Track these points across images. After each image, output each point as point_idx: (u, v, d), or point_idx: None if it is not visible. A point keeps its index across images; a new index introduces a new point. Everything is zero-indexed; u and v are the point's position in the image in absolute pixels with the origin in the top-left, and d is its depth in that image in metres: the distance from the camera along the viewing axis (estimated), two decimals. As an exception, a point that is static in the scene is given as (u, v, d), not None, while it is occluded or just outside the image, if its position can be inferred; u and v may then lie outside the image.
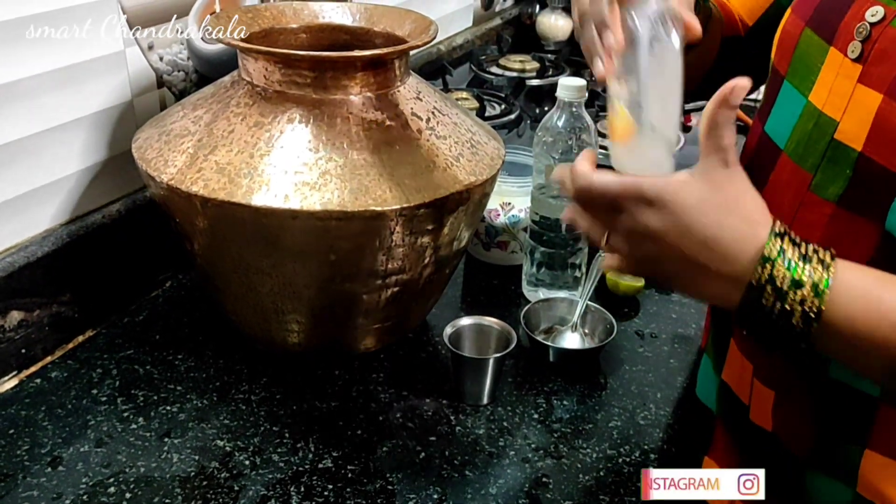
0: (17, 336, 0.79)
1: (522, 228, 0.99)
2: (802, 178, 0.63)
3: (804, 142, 0.63)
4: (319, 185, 0.70)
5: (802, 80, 0.65)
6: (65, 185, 0.82)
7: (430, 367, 0.84)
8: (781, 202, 0.65)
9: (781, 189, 0.65)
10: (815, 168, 0.62)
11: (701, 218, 0.52)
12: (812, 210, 0.62)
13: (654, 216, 0.53)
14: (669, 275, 0.56)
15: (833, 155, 0.60)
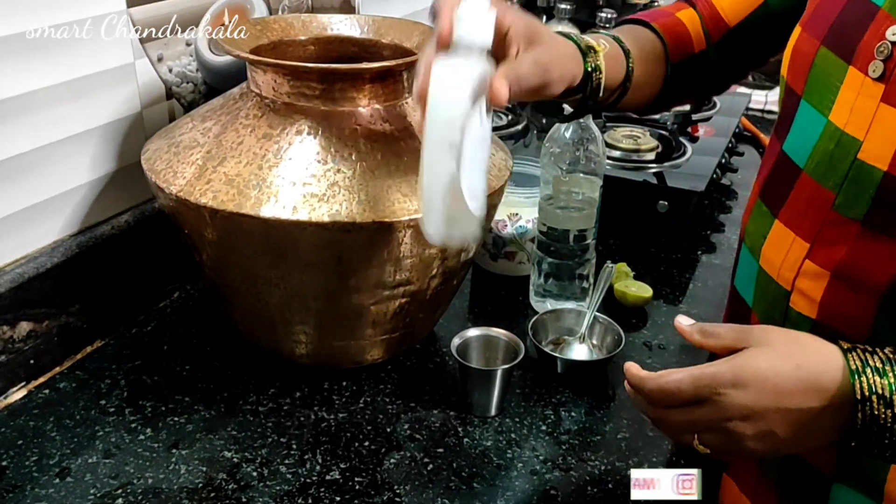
0: (26, 347, 0.79)
1: (530, 239, 0.99)
2: (825, 198, 0.63)
3: (826, 161, 0.63)
4: (328, 196, 0.70)
5: (821, 99, 0.64)
6: (74, 196, 0.83)
7: (438, 378, 0.84)
8: (802, 222, 0.65)
9: (802, 208, 0.66)
10: (838, 188, 0.62)
11: (781, 372, 0.55)
12: (835, 230, 0.62)
13: (742, 394, 0.55)
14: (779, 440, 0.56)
15: (856, 175, 0.60)
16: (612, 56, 0.74)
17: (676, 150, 1.22)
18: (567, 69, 0.68)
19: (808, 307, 0.65)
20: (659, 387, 0.59)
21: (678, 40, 0.82)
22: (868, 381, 0.53)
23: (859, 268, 0.60)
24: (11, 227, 0.77)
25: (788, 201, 0.67)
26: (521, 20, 0.64)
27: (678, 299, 1.01)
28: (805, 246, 0.65)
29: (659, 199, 1.12)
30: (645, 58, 0.79)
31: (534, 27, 0.65)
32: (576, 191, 0.92)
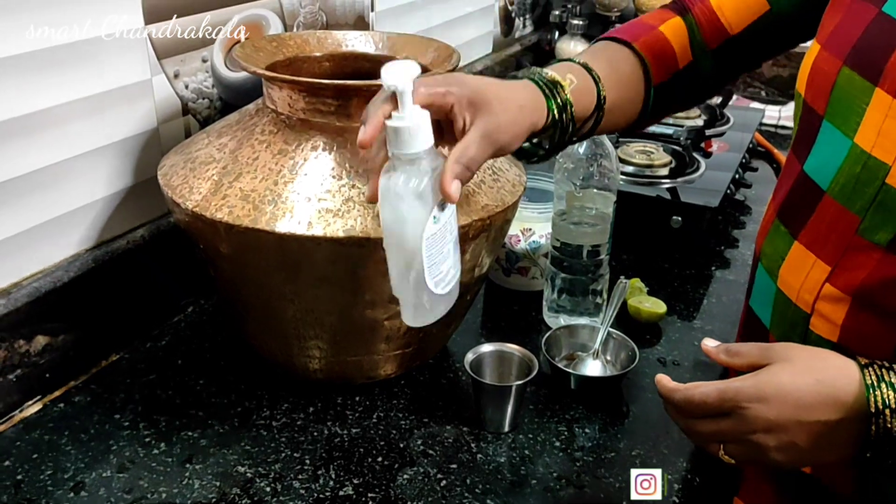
0: (41, 360, 0.79)
1: (543, 254, 0.99)
2: (850, 221, 0.62)
3: (851, 184, 0.62)
4: (342, 211, 0.70)
5: (845, 120, 0.63)
6: (91, 211, 0.84)
7: (451, 393, 0.84)
8: (825, 245, 0.64)
9: (825, 231, 0.65)
10: (865, 211, 0.61)
11: (801, 387, 0.57)
12: (859, 254, 0.62)
13: (765, 408, 0.57)
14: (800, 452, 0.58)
15: (884, 199, 0.59)
16: (580, 89, 0.70)
17: (690, 166, 1.22)
18: (522, 124, 0.65)
19: (829, 330, 0.65)
20: (686, 398, 0.61)
21: (660, 59, 0.79)
22: (882, 394, 0.55)
23: (882, 293, 0.60)
24: (29, 241, 0.78)
25: (810, 223, 0.66)
26: (464, 91, 0.61)
27: (692, 315, 1.00)
28: (826, 269, 0.64)
29: (672, 214, 1.12)
30: (620, 81, 0.75)
31: (479, 94, 0.62)
32: (589, 206, 0.92)
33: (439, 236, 0.60)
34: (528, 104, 0.66)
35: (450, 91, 0.60)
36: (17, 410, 0.78)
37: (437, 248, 0.60)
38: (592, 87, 0.72)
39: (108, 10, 0.79)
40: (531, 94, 0.67)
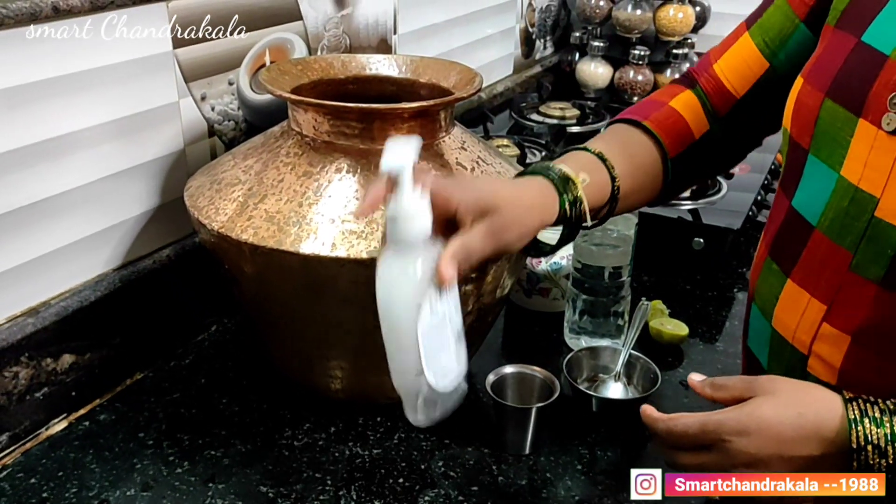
0: (68, 379, 0.80)
1: (564, 276, 0.99)
2: (842, 258, 0.61)
3: (840, 219, 0.61)
4: (366, 233, 0.71)
5: (830, 153, 0.62)
6: (118, 231, 0.85)
7: (472, 415, 0.84)
8: (818, 282, 0.63)
9: (818, 268, 0.63)
10: (855, 247, 0.60)
11: (784, 420, 0.56)
12: (854, 291, 0.60)
13: (746, 441, 0.57)
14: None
15: (874, 233, 0.58)
16: (593, 184, 0.69)
17: (711, 188, 1.22)
18: (530, 224, 0.64)
19: (827, 373, 0.63)
20: (668, 429, 0.61)
21: (675, 134, 0.78)
22: (865, 430, 0.54)
23: (882, 331, 0.59)
24: (58, 260, 0.79)
25: (801, 260, 0.64)
26: (471, 193, 0.61)
27: (714, 337, 1.00)
28: (822, 308, 0.63)
29: (694, 236, 1.12)
30: (635, 167, 0.75)
31: (485, 197, 0.61)
32: (611, 228, 0.92)
33: (437, 327, 0.57)
34: (538, 203, 0.65)
35: (454, 195, 0.60)
36: (44, 428, 0.79)
37: (436, 340, 0.57)
38: (606, 180, 0.71)
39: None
40: (542, 193, 0.66)
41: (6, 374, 0.74)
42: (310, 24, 1.04)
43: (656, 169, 0.77)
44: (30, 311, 0.77)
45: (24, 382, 0.76)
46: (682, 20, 1.65)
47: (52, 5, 0.71)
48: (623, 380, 0.87)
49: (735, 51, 0.77)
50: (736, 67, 0.77)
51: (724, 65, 0.78)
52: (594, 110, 1.61)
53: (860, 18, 0.62)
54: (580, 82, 1.75)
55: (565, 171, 0.68)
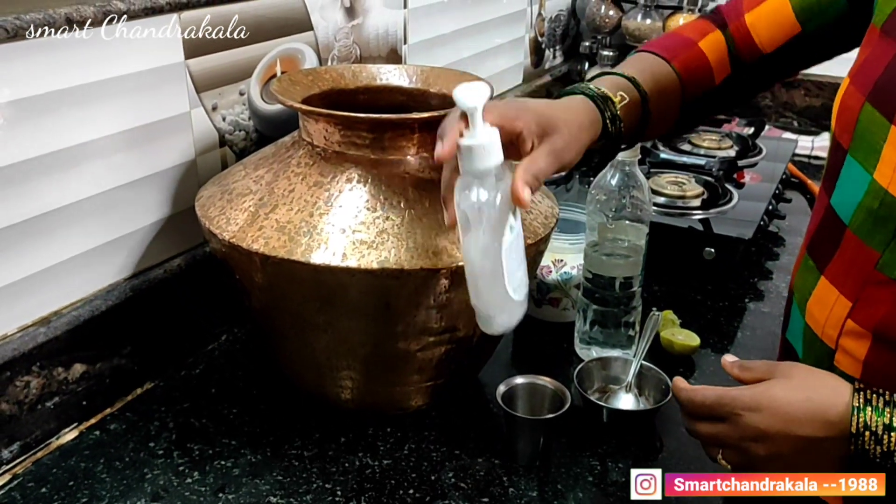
0: (79, 388, 0.81)
1: (575, 286, 0.99)
2: (869, 257, 0.62)
3: (871, 220, 0.62)
4: (377, 243, 0.71)
5: (866, 156, 0.63)
6: (130, 241, 0.85)
7: (483, 425, 0.84)
8: (846, 280, 0.65)
9: (846, 266, 0.65)
10: (884, 247, 0.61)
11: (793, 401, 0.60)
12: (878, 290, 0.62)
13: (757, 417, 0.61)
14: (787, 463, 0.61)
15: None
16: (628, 105, 0.74)
17: (722, 197, 1.21)
18: (583, 141, 0.69)
19: (852, 367, 0.65)
20: (689, 398, 0.66)
21: (697, 78, 0.81)
22: (865, 417, 0.57)
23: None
24: (70, 270, 0.79)
25: (834, 258, 0.66)
26: (532, 116, 0.65)
27: (726, 348, 0.99)
28: (847, 305, 0.65)
29: (705, 246, 1.12)
30: (661, 96, 0.79)
31: (545, 118, 0.65)
32: (621, 238, 0.91)
33: (515, 244, 0.63)
34: (587, 121, 0.70)
35: (519, 116, 0.64)
36: (55, 438, 0.79)
37: (514, 256, 0.63)
38: (639, 102, 0.76)
39: (150, 46, 0.81)
40: (588, 112, 0.71)
41: (18, 384, 0.75)
42: (320, 35, 1.04)
43: (675, 105, 0.81)
44: (41, 321, 0.77)
45: (36, 392, 0.76)
46: (692, 29, 1.65)
47: (65, 17, 0.71)
48: (634, 391, 0.86)
49: (769, 7, 0.79)
50: (768, 25, 0.79)
51: (756, 19, 0.80)
52: (604, 120, 1.61)
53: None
54: (590, 92, 1.75)
55: (604, 91, 0.72)
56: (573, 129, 0.67)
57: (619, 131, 0.73)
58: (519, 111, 0.65)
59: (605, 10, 1.71)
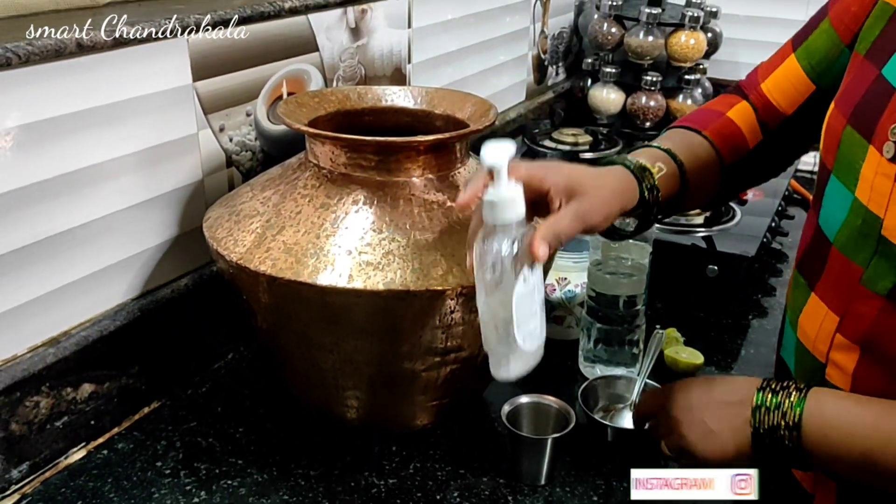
0: (87, 408, 0.81)
1: (578, 304, 1.00)
2: (853, 273, 0.65)
3: (854, 237, 0.65)
4: (383, 264, 0.72)
5: (847, 175, 0.66)
6: (138, 261, 0.86)
7: (487, 444, 0.84)
8: (833, 295, 0.67)
9: (833, 282, 0.67)
10: (867, 263, 0.64)
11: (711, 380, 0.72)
12: (863, 304, 0.64)
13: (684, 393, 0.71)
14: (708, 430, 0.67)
15: (883, 250, 0.62)
16: (666, 176, 0.75)
17: (725, 214, 1.22)
18: (613, 207, 0.69)
19: (842, 380, 0.66)
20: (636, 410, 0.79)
21: (731, 144, 0.82)
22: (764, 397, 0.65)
23: (885, 341, 0.63)
24: (79, 291, 0.80)
25: (823, 275, 0.69)
26: (561, 178, 0.66)
27: (730, 366, 0.99)
28: (836, 319, 0.67)
29: (709, 263, 1.12)
30: (699, 167, 0.80)
31: (574, 181, 0.67)
32: (625, 256, 0.92)
33: (528, 296, 0.64)
34: (619, 189, 0.71)
35: (547, 176, 0.66)
36: (63, 457, 0.80)
37: (526, 307, 0.64)
38: (677, 174, 0.77)
39: (159, 69, 0.82)
40: (623, 179, 0.72)
41: (27, 404, 0.75)
42: (326, 56, 1.06)
43: (714, 174, 0.82)
44: (51, 342, 0.78)
45: (45, 412, 0.77)
46: (694, 46, 1.66)
47: (76, 42, 0.72)
48: None
49: (781, 72, 0.82)
50: (783, 89, 0.81)
51: (771, 85, 0.82)
52: (606, 136, 1.62)
53: (884, 52, 0.66)
54: (592, 108, 1.76)
55: (642, 163, 0.74)
56: (603, 194, 0.68)
57: (656, 200, 0.74)
58: (548, 171, 0.66)
59: (608, 28, 1.73)
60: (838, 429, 0.62)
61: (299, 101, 0.85)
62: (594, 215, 0.67)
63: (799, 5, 1.77)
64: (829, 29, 0.77)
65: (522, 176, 0.64)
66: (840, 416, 0.62)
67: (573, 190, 0.66)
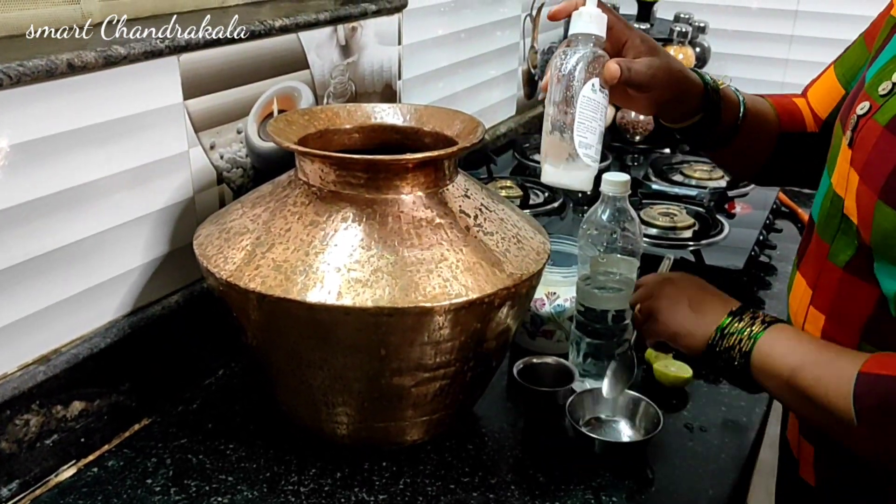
0: (77, 425, 0.81)
1: (568, 318, 1.00)
2: (824, 249, 0.73)
3: (825, 217, 0.73)
4: (371, 282, 0.72)
5: (830, 164, 0.74)
6: (129, 279, 0.86)
7: (477, 459, 0.84)
8: (808, 271, 0.76)
9: (811, 260, 0.75)
10: (832, 238, 0.71)
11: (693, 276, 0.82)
12: (828, 276, 0.72)
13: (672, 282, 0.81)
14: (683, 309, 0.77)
15: (844, 227, 0.70)
16: (729, 98, 0.83)
17: (714, 228, 1.23)
18: (678, 79, 0.77)
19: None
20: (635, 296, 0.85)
21: (790, 115, 0.90)
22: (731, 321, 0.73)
23: (844, 309, 0.70)
24: (70, 308, 0.80)
25: (805, 254, 0.77)
26: (638, 37, 0.75)
27: (718, 379, 1.00)
28: (809, 293, 0.75)
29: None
30: (757, 114, 0.87)
31: (651, 44, 0.76)
32: (613, 271, 0.93)
33: (592, 105, 0.70)
34: (683, 75, 0.79)
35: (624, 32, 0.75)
36: (53, 475, 0.80)
37: (588, 115, 0.70)
38: (737, 101, 0.85)
39: (150, 88, 0.83)
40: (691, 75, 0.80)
41: (17, 422, 0.75)
42: (316, 73, 1.06)
43: (771, 132, 0.89)
44: (41, 359, 0.78)
45: (35, 430, 0.77)
46: (683, 61, 1.67)
47: (67, 62, 0.73)
48: (627, 422, 0.87)
49: (821, 82, 0.90)
50: (821, 96, 0.89)
51: (812, 94, 0.91)
52: (597, 150, 1.63)
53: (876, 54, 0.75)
54: (583, 122, 1.77)
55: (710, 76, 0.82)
56: (673, 65, 0.77)
57: (718, 104, 0.81)
58: (631, 30, 0.75)
59: (597, 43, 1.74)
60: (781, 357, 0.69)
61: (289, 119, 0.86)
62: (660, 76, 0.75)
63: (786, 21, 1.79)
64: (861, 42, 0.86)
65: (611, 21, 0.73)
66: (788, 345, 0.69)
67: (651, 48, 0.75)
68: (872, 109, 0.67)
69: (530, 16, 1.67)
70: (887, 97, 0.66)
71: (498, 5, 1.53)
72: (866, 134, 0.67)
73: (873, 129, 0.66)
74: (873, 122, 0.66)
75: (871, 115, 0.67)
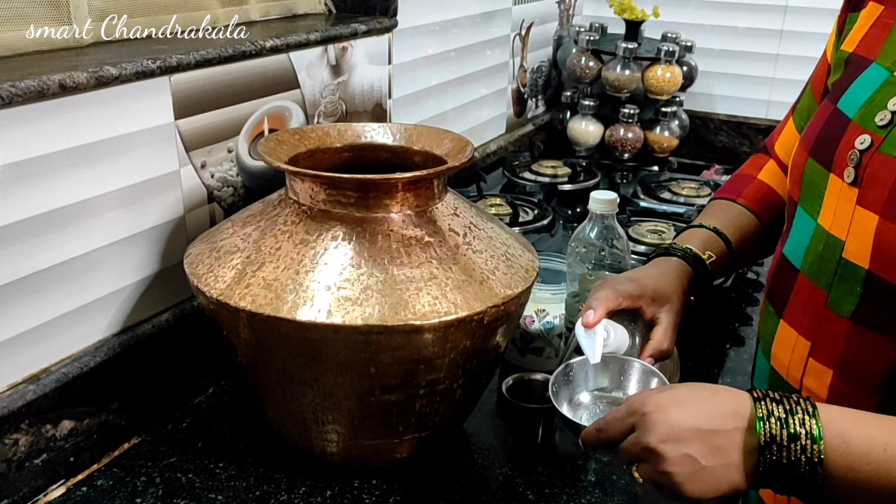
0: (66, 444, 0.81)
1: (557, 335, 1.01)
2: (819, 297, 0.68)
3: (817, 262, 0.68)
4: (361, 300, 0.73)
5: (811, 204, 0.70)
6: (119, 297, 0.86)
7: (467, 476, 0.85)
8: (802, 321, 0.70)
9: (801, 308, 0.70)
10: (829, 286, 0.67)
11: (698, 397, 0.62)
12: (830, 327, 0.67)
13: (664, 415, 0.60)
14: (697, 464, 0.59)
15: (843, 273, 0.65)
16: (716, 259, 0.86)
17: (701, 245, 1.24)
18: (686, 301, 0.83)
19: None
20: (599, 427, 0.65)
21: (766, 204, 0.91)
22: (770, 429, 0.58)
23: (856, 363, 0.64)
24: (60, 327, 0.80)
25: (790, 302, 0.72)
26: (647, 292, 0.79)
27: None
28: (807, 344, 0.69)
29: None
30: (743, 237, 0.89)
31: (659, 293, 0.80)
32: (601, 289, 0.93)
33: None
34: (686, 284, 0.83)
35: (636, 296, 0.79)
36: (42, 495, 0.79)
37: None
38: (725, 252, 0.88)
39: (141, 108, 0.84)
40: (686, 275, 0.84)
41: (6, 442, 0.75)
42: (307, 92, 1.07)
43: (756, 236, 0.91)
44: (31, 378, 0.78)
45: (24, 449, 0.77)
46: (670, 79, 1.70)
47: (58, 83, 0.74)
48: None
49: (784, 135, 0.92)
50: (786, 148, 0.90)
51: (779, 146, 0.92)
52: (585, 168, 1.64)
53: (840, 89, 0.72)
54: (572, 140, 1.79)
55: (695, 252, 0.85)
56: (679, 296, 0.81)
57: (709, 278, 0.86)
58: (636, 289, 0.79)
59: (586, 62, 1.76)
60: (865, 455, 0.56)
61: (280, 139, 0.87)
62: (679, 317, 0.80)
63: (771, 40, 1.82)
64: (809, 91, 0.87)
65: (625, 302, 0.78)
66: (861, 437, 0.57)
67: (659, 300, 0.79)
68: (875, 142, 0.64)
69: (519, 35, 1.69)
70: (889, 127, 0.63)
71: (487, 25, 1.55)
72: (878, 169, 0.62)
73: (886, 162, 0.62)
74: (883, 156, 0.63)
75: (877, 148, 0.63)
